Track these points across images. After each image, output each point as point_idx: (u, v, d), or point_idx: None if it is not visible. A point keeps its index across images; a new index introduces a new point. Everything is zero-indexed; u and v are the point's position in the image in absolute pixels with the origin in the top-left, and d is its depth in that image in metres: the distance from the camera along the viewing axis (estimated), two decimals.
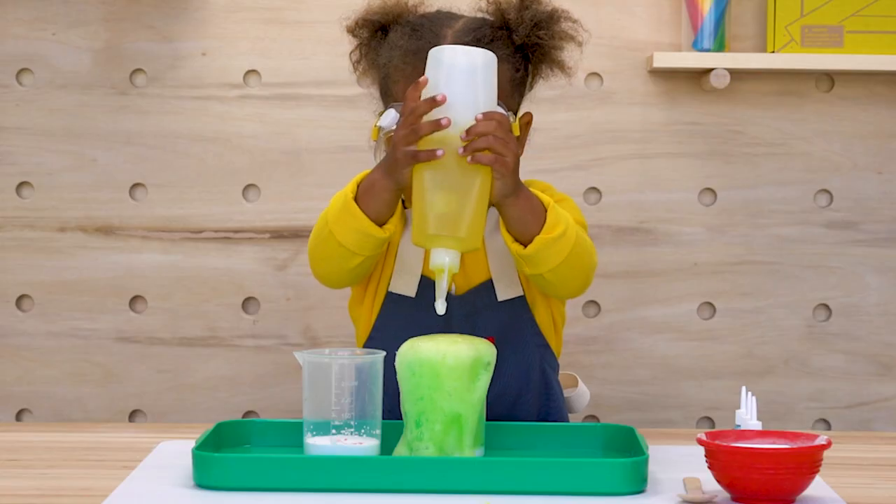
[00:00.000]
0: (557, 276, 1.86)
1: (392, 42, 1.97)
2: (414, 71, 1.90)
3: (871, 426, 2.57)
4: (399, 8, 2.01)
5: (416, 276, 1.98)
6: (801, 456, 1.55)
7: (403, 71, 1.93)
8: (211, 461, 1.61)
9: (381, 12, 2.01)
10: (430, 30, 1.95)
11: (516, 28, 1.96)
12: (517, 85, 1.97)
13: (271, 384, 2.56)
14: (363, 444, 1.67)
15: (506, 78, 1.93)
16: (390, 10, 2.01)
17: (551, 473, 1.59)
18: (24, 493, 1.61)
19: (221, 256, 2.55)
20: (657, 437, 1.93)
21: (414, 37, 1.94)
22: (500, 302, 1.98)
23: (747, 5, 2.53)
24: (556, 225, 1.84)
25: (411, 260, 1.99)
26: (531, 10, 1.96)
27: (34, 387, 2.56)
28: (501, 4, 1.98)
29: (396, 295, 1.99)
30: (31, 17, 2.52)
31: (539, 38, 1.96)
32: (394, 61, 1.95)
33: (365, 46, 2.03)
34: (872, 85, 2.55)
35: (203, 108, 2.54)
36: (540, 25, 1.96)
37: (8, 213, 2.54)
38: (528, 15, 1.96)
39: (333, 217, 1.88)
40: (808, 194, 2.56)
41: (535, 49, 1.97)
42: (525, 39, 1.96)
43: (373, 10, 2.02)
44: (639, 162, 2.55)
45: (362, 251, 1.87)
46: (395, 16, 2.00)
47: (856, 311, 2.57)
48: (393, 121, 1.90)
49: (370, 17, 2.01)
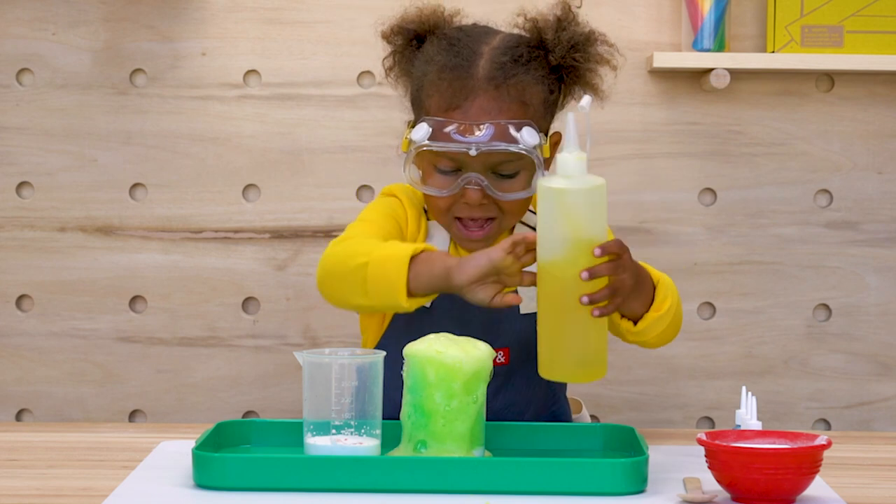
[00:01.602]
0: (659, 339, 1.93)
1: (428, 54, 1.96)
2: (449, 87, 1.90)
3: (870, 426, 2.57)
4: (435, 17, 1.99)
5: None
6: (801, 456, 1.55)
7: (438, 87, 1.92)
8: (211, 461, 1.61)
9: (417, 21, 1.99)
10: (466, 45, 1.93)
11: (553, 49, 1.95)
12: (550, 105, 1.97)
13: (271, 384, 2.56)
14: (363, 444, 1.67)
15: (539, 99, 1.94)
16: (426, 20, 1.99)
17: (551, 473, 1.59)
18: (24, 493, 1.61)
19: (221, 256, 2.55)
20: (657, 437, 1.93)
21: (451, 52, 1.93)
22: (521, 314, 1.98)
23: (747, 5, 2.53)
24: (665, 301, 1.90)
25: None
26: (569, 31, 1.95)
27: (34, 387, 2.56)
28: (539, 22, 1.97)
29: None
30: (31, 17, 2.52)
31: (575, 61, 1.95)
32: (429, 75, 1.94)
33: (399, 54, 2.01)
34: (872, 85, 2.55)
35: (203, 108, 2.54)
36: (577, 48, 1.95)
37: (8, 213, 2.54)
38: (566, 36, 1.95)
39: (377, 260, 1.82)
40: (808, 194, 2.56)
41: (571, 71, 1.96)
42: (561, 61, 1.95)
43: (409, 18, 2.00)
44: (639, 162, 2.55)
45: (382, 306, 1.85)
46: (431, 25, 1.99)
47: (856, 311, 2.57)
48: (425, 135, 1.89)
49: (406, 25, 2.00)
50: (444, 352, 1.67)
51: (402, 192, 2.03)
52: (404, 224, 2.00)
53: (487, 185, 1.90)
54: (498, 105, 1.90)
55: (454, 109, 1.90)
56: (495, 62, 1.91)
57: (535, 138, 1.89)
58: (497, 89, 1.90)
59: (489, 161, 1.90)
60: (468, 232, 1.95)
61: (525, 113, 1.91)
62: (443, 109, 1.91)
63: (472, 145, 1.87)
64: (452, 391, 1.66)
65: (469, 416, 1.67)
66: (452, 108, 1.90)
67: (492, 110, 1.90)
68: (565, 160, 1.74)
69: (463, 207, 1.93)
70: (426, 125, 1.90)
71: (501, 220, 1.96)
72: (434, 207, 1.96)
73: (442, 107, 1.91)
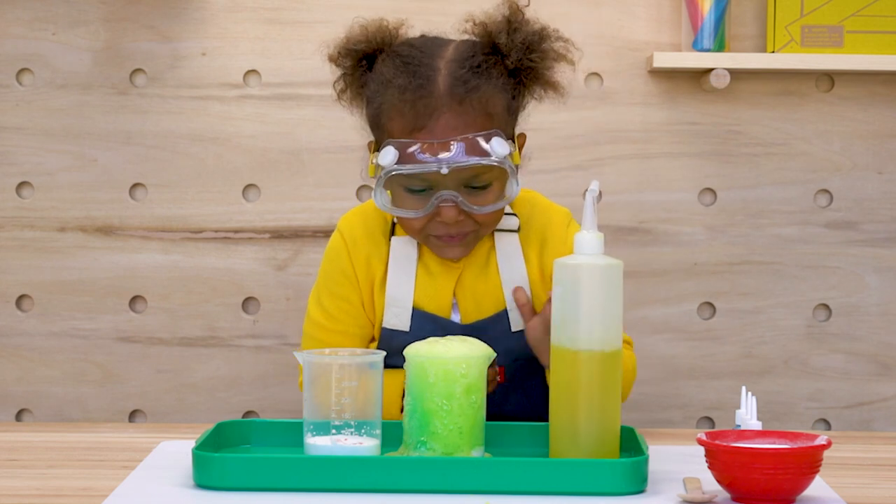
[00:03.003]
0: None
1: (382, 75, 1.92)
2: (412, 109, 1.87)
3: (870, 426, 2.57)
4: (382, 34, 1.95)
5: (408, 309, 1.98)
6: (801, 456, 1.55)
7: (400, 109, 1.88)
8: (211, 461, 1.61)
9: (364, 41, 1.95)
10: (421, 62, 1.90)
11: (508, 53, 1.91)
12: (513, 110, 1.94)
13: (271, 384, 2.56)
14: (363, 444, 1.67)
15: (503, 106, 1.91)
16: (373, 38, 1.95)
17: (551, 473, 1.59)
18: (24, 493, 1.61)
19: (221, 256, 2.55)
20: (657, 437, 1.93)
21: (407, 71, 1.89)
22: (513, 332, 1.98)
23: (747, 5, 2.53)
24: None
25: (401, 294, 1.98)
26: (521, 32, 1.92)
27: (34, 387, 2.56)
28: (489, 26, 1.93)
29: (391, 330, 1.98)
30: (31, 17, 2.52)
31: (531, 62, 1.92)
32: (388, 98, 1.90)
33: (349, 76, 1.97)
34: (872, 85, 2.55)
35: (203, 108, 2.54)
36: (531, 48, 1.92)
37: (8, 213, 2.54)
38: (519, 38, 1.91)
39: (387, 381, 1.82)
40: (808, 194, 2.56)
41: (529, 72, 1.93)
42: (517, 63, 1.92)
43: (355, 39, 1.95)
44: (639, 162, 2.55)
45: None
46: (378, 43, 1.95)
47: (856, 311, 2.57)
48: (393, 159, 1.86)
49: (353, 46, 1.95)
50: (444, 352, 1.67)
51: (353, 230, 2.02)
52: (354, 281, 2.00)
53: (462, 200, 1.88)
54: (463, 120, 1.87)
55: (419, 130, 1.87)
56: (454, 76, 1.88)
57: (504, 148, 1.87)
58: (460, 104, 1.87)
59: (461, 177, 1.88)
60: (448, 248, 1.95)
61: (491, 123, 1.89)
62: (407, 131, 1.88)
63: (442, 164, 1.85)
64: (452, 391, 1.67)
65: (469, 417, 1.67)
66: (417, 129, 1.87)
67: (458, 126, 1.87)
68: (583, 239, 1.70)
69: (439, 226, 1.92)
70: (392, 149, 1.87)
71: (478, 232, 1.95)
72: (408, 227, 1.95)
73: (406, 128, 1.88)
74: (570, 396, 1.66)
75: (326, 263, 2.05)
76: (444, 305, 1.98)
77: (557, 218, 2.04)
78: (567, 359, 1.66)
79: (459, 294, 1.99)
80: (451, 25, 2.00)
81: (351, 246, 2.01)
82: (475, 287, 1.99)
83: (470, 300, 1.98)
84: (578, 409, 1.66)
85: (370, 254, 2.00)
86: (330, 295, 2.02)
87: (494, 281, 1.99)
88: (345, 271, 2.01)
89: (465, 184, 1.89)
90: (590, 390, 1.66)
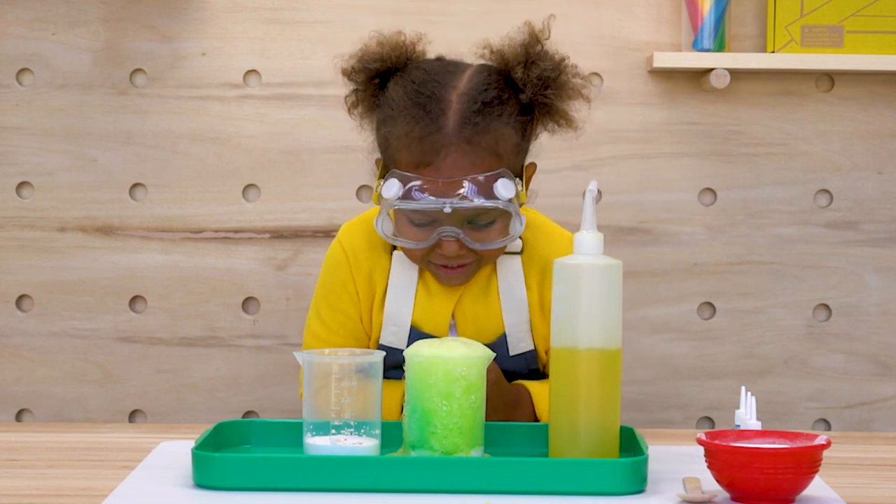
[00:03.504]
0: None
1: (393, 100, 1.90)
2: (419, 145, 1.85)
3: (870, 426, 2.57)
4: (397, 52, 1.93)
5: (406, 328, 1.98)
6: (800, 456, 1.55)
7: (407, 143, 1.87)
8: (211, 461, 1.61)
9: (379, 59, 1.93)
10: (433, 93, 1.87)
11: (523, 87, 1.89)
12: (523, 147, 1.92)
13: (271, 384, 2.56)
14: (363, 444, 1.67)
15: (512, 144, 1.89)
16: (388, 57, 1.93)
17: (551, 473, 1.59)
18: (24, 493, 1.61)
19: (221, 256, 2.55)
20: (657, 437, 1.93)
21: (418, 104, 1.87)
22: (511, 356, 1.98)
23: (747, 5, 2.53)
24: None
25: (399, 312, 1.98)
26: (538, 66, 1.89)
27: (34, 387, 2.56)
28: (506, 55, 1.91)
29: (387, 347, 1.98)
30: (31, 17, 2.52)
31: (546, 98, 1.90)
32: (397, 128, 1.88)
33: (361, 92, 1.95)
34: (872, 85, 2.55)
35: (203, 108, 2.54)
36: (547, 84, 1.90)
37: (8, 213, 2.54)
38: (535, 73, 1.89)
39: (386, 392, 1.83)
40: (808, 194, 2.56)
41: (542, 108, 1.92)
42: (532, 98, 1.90)
43: (370, 56, 1.94)
44: (638, 162, 2.55)
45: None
46: (393, 62, 1.93)
47: (856, 311, 2.57)
48: (397, 193, 1.84)
49: (368, 64, 1.93)
50: (444, 353, 1.67)
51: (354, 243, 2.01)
52: (354, 295, 1.99)
53: (464, 237, 1.87)
54: (471, 160, 1.85)
55: (426, 166, 1.86)
56: (464, 115, 1.85)
57: (510, 190, 1.85)
58: (469, 143, 1.85)
59: (465, 215, 1.87)
60: (447, 276, 1.94)
61: (499, 162, 1.87)
62: (413, 166, 1.86)
63: (446, 203, 1.84)
64: (452, 391, 1.67)
65: (469, 417, 1.67)
66: (423, 164, 1.86)
67: (464, 165, 1.85)
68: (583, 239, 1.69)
69: (440, 257, 1.91)
70: (397, 182, 1.85)
71: (479, 262, 1.94)
72: (409, 255, 1.95)
73: (412, 163, 1.86)
74: (570, 396, 1.66)
75: (326, 274, 2.03)
76: (441, 326, 1.98)
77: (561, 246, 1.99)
78: (567, 359, 1.66)
79: (458, 316, 1.99)
80: (452, 44, 1.98)
81: (353, 260, 2.00)
82: (475, 310, 1.98)
83: (469, 322, 1.98)
84: (578, 408, 1.66)
85: (372, 268, 1.99)
86: (329, 308, 2.01)
87: (494, 305, 1.98)
88: (345, 285, 2.00)
89: (469, 220, 1.88)
90: (590, 390, 1.66)
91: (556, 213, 2.20)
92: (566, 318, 1.66)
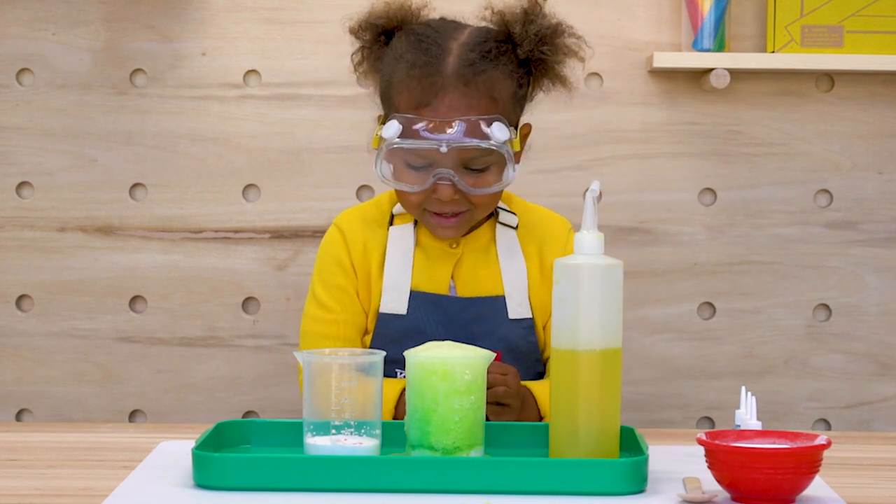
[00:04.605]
0: None
1: (396, 50, 1.97)
2: (419, 85, 1.92)
3: (870, 426, 2.57)
4: (403, 12, 2.00)
5: (406, 292, 2.01)
6: (801, 456, 1.55)
7: (408, 84, 1.93)
8: (211, 461, 1.61)
9: (385, 17, 2.00)
10: (434, 41, 1.95)
11: (521, 43, 1.96)
12: (519, 99, 1.98)
13: (271, 384, 2.56)
14: (363, 444, 1.67)
15: (509, 93, 1.95)
16: (394, 15, 2.00)
17: (551, 473, 1.59)
18: (24, 493, 1.61)
19: (221, 256, 2.55)
20: (657, 437, 1.93)
21: (419, 49, 1.94)
22: (510, 320, 1.99)
23: (747, 5, 2.53)
24: None
25: (399, 278, 2.01)
26: (536, 24, 1.96)
27: (34, 387, 2.56)
28: (506, 16, 1.98)
29: (387, 315, 2.00)
30: (31, 17, 2.52)
31: (543, 54, 1.97)
32: (398, 72, 1.95)
33: (367, 49, 2.02)
34: (872, 85, 2.55)
35: (203, 108, 2.54)
36: (544, 41, 1.97)
37: (8, 213, 2.54)
38: (533, 29, 1.96)
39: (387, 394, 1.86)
40: (808, 194, 2.56)
41: (539, 64, 1.98)
42: (529, 54, 1.96)
43: (377, 13, 2.01)
44: (638, 162, 2.55)
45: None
46: (398, 20, 2.00)
47: (856, 311, 2.57)
48: (395, 133, 1.91)
49: (374, 20, 2.01)
50: (444, 354, 1.67)
51: (350, 221, 2.06)
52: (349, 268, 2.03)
53: (458, 180, 1.92)
54: (467, 101, 1.91)
55: (424, 107, 1.92)
56: (464, 59, 1.92)
57: (504, 133, 1.91)
58: (466, 86, 1.91)
59: (460, 157, 1.92)
60: (441, 224, 1.98)
61: (495, 108, 1.93)
62: (412, 107, 1.92)
63: (442, 142, 1.90)
64: (452, 392, 1.66)
65: (469, 417, 1.67)
66: (422, 105, 1.92)
67: (461, 107, 1.91)
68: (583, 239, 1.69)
69: (434, 202, 1.96)
70: (396, 122, 1.92)
71: (473, 213, 1.98)
72: (406, 202, 1.99)
73: (412, 104, 1.93)
74: (570, 396, 1.66)
75: (321, 256, 2.08)
76: (441, 286, 2.02)
77: (558, 223, 2.09)
78: (567, 359, 1.66)
79: (458, 277, 2.02)
80: (470, 11, 2.02)
81: (348, 234, 2.05)
82: (475, 271, 2.02)
83: (468, 282, 2.02)
84: (578, 408, 1.66)
85: (367, 240, 2.04)
86: (324, 285, 2.05)
87: (494, 267, 2.03)
88: (340, 260, 2.04)
89: (464, 164, 1.93)
90: (590, 390, 1.66)
91: (556, 212, 2.20)
92: (566, 319, 1.66)
